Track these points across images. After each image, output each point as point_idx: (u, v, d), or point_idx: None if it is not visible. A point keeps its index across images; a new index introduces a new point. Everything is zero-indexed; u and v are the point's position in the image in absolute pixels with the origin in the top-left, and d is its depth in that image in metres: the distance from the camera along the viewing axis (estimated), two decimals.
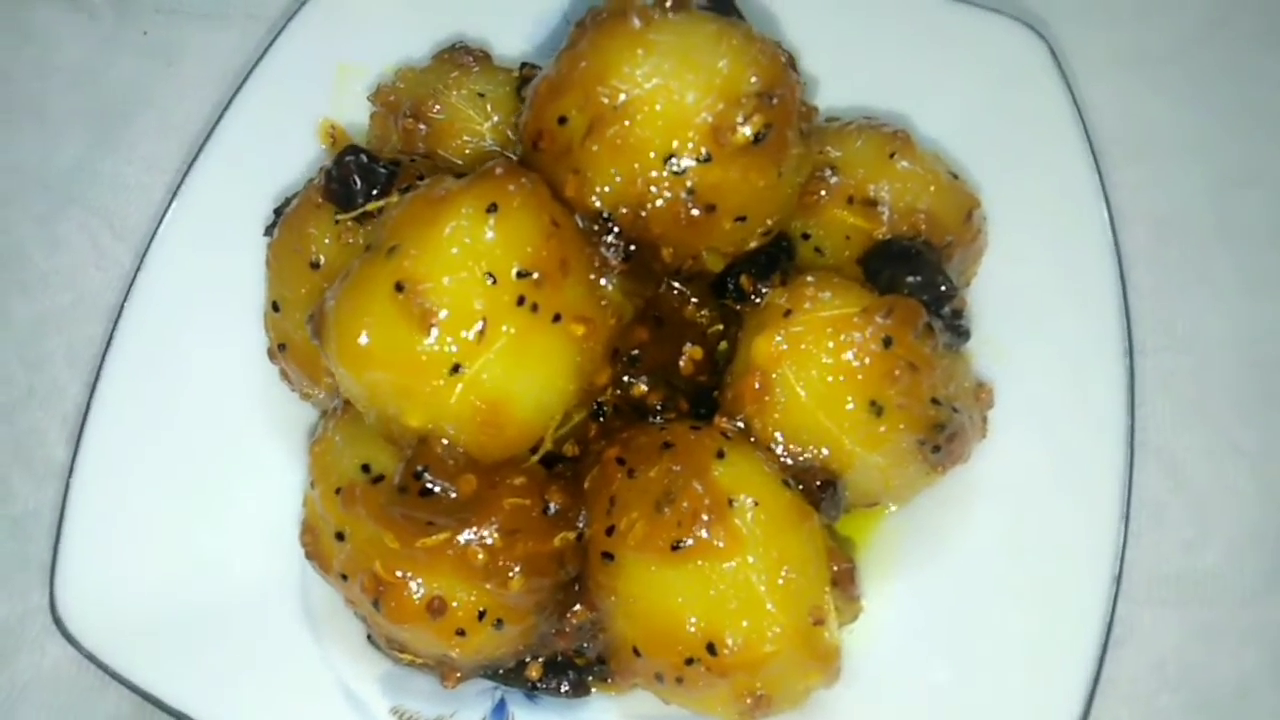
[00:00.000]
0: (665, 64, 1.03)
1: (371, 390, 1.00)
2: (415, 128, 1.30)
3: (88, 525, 1.17)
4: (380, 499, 1.04)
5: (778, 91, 1.05)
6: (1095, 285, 1.29)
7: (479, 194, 1.00)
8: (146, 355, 1.28)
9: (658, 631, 1.03)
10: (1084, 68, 1.60)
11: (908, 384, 1.09)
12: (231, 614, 1.17)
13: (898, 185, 1.23)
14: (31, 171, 1.64)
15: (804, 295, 1.12)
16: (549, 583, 1.08)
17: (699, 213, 1.06)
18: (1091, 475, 1.19)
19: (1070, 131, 1.36)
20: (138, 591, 1.15)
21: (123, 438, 1.23)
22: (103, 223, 1.60)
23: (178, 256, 1.34)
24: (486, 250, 0.97)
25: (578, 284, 1.03)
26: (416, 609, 1.03)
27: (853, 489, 1.16)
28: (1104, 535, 1.14)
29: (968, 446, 1.17)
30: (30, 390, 1.48)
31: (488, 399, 0.98)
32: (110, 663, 1.09)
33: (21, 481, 1.42)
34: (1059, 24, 1.64)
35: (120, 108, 1.70)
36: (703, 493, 1.03)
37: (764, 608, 1.00)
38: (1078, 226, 1.32)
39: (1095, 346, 1.26)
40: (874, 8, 1.45)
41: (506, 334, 0.97)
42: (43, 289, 1.56)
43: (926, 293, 1.16)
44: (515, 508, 1.05)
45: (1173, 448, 1.41)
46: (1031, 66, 1.40)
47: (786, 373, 1.09)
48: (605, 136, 1.03)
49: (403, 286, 0.95)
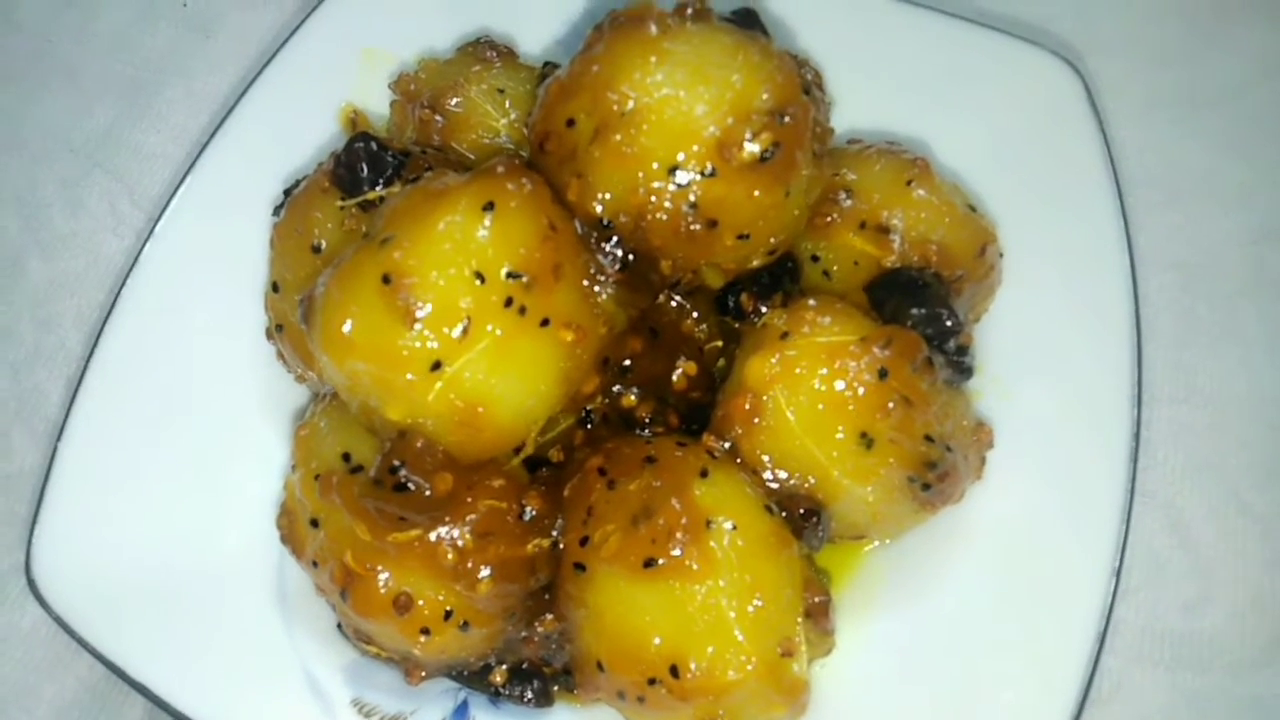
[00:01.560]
0: (678, 73, 1.01)
1: (353, 379, 0.99)
2: (431, 119, 1.29)
3: (71, 490, 1.18)
4: (356, 489, 1.03)
5: (790, 110, 1.03)
6: (1110, 334, 1.25)
7: (477, 191, 0.99)
8: (147, 325, 1.28)
9: (623, 648, 1.01)
10: (1121, 106, 1.56)
11: (900, 418, 1.06)
12: (205, 591, 1.17)
13: (912, 214, 1.20)
14: (60, 134, 1.66)
15: (803, 318, 1.09)
16: (519, 589, 1.06)
17: (700, 227, 1.04)
18: (1086, 528, 1.15)
19: (1098, 172, 1.32)
20: (114, 560, 1.16)
21: (115, 406, 1.23)
22: (124, 190, 1.62)
23: (188, 229, 1.35)
24: (478, 249, 0.96)
25: (570, 290, 1.02)
26: (383, 603, 1.02)
27: (839, 520, 1.13)
28: (1093, 591, 1.10)
29: (960, 486, 1.14)
30: (37, 350, 1.50)
31: (467, 399, 0.97)
32: (77, 629, 1.09)
33: (20, 439, 1.44)
34: (1100, 60, 1.60)
35: (153, 77, 1.72)
36: (681, 511, 1.01)
37: (732, 634, 0.98)
38: (1097, 271, 1.28)
39: (1104, 396, 1.22)
40: (906, 30, 1.42)
41: (491, 335, 0.96)
42: (60, 251, 1.58)
43: (930, 326, 1.13)
44: (491, 510, 1.04)
45: (1180, 503, 1.36)
46: (1064, 101, 1.36)
47: (778, 396, 1.07)
48: (610, 142, 1.01)
49: (390, 278, 0.94)
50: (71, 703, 1.27)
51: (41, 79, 1.72)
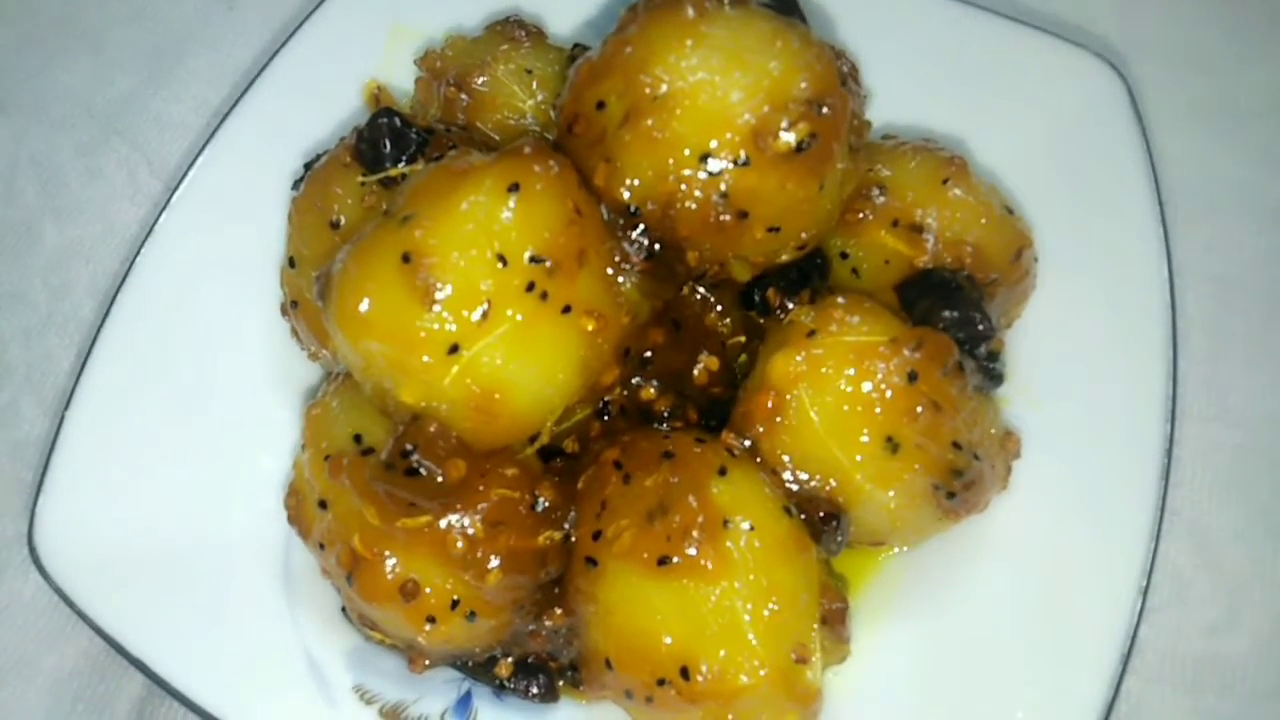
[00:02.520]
0: (714, 58, 0.98)
1: (368, 359, 0.96)
2: (457, 97, 1.27)
3: (77, 459, 1.16)
4: (366, 472, 1.00)
5: (829, 100, 1.00)
6: (1145, 346, 1.21)
7: (502, 172, 0.96)
8: (160, 296, 1.26)
9: (632, 646, 0.98)
10: (1161, 113, 1.52)
11: (928, 423, 1.03)
12: (208, 568, 1.15)
13: (947, 213, 1.16)
14: (81, 100, 1.64)
15: (831, 316, 1.06)
16: (528, 581, 1.04)
17: (730, 218, 1.01)
18: (1113, 546, 1.12)
19: (1139, 180, 1.28)
20: (118, 532, 1.14)
21: (125, 377, 1.21)
22: (142, 158, 1.60)
23: (205, 200, 1.32)
24: (501, 231, 0.93)
25: (594, 277, 0.99)
26: (389, 589, 1.00)
27: (859, 525, 1.10)
28: (1118, 611, 1.07)
29: (986, 495, 1.11)
30: (49, 316, 1.48)
31: (483, 384, 0.94)
32: (77, 600, 1.07)
33: (29, 406, 1.42)
34: (1141, 64, 1.56)
35: (176, 46, 1.70)
36: (697, 509, 0.98)
37: (745, 638, 0.95)
38: (1135, 282, 1.25)
39: (1136, 410, 1.18)
40: (945, 26, 1.38)
41: (511, 319, 0.93)
42: (76, 217, 1.56)
43: (962, 330, 1.10)
44: (503, 499, 1.02)
45: (1207, 523, 1.33)
46: (1106, 105, 1.32)
47: (802, 395, 1.04)
48: (641, 127, 0.98)
49: (410, 257, 0.92)
50: (71, 674, 1.25)
51: (65, 44, 1.70)
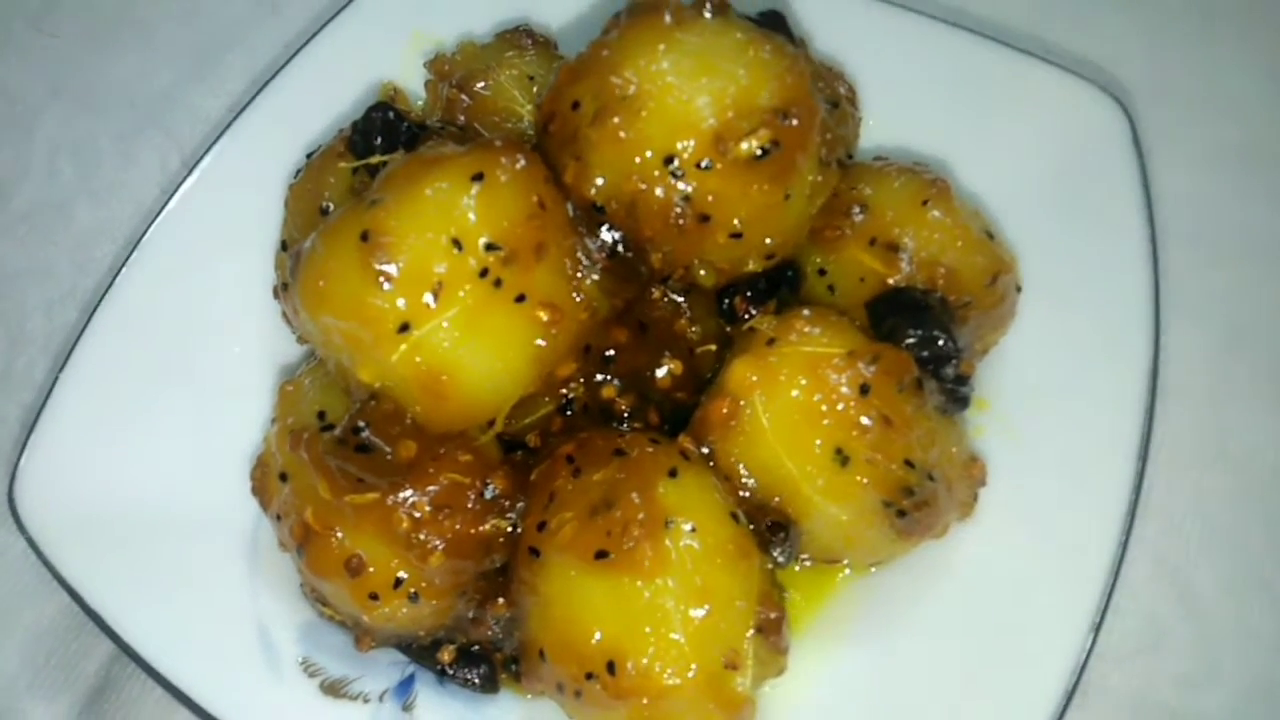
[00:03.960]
0: (684, 63, 1.00)
1: (326, 335, 1.00)
2: (458, 98, 1.31)
3: (66, 420, 1.20)
4: (322, 447, 1.03)
5: (795, 111, 1.01)
6: (1125, 387, 1.18)
7: (470, 162, 0.99)
8: (164, 273, 1.31)
9: (564, 639, 0.99)
10: (1176, 155, 1.50)
11: (878, 438, 1.02)
12: (179, 536, 1.18)
13: (924, 234, 1.16)
14: (123, 89, 1.73)
15: (792, 326, 1.07)
16: (472, 566, 1.05)
17: (692, 221, 1.03)
18: (1071, 584, 1.09)
19: (1133, 215, 1.26)
20: (98, 494, 1.18)
21: (122, 346, 1.26)
22: (175, 148, 1.68)
23: (217, 187, 1.38)
24: (460, 216, 0.96)
25: (552, 270, 1.01)
26: (335, 563, 1.02)
27: (811, 540, 1.09)
28: (1066, 650, 1.04)
29: (941, 519, 1.09)
30: (73, 290, 1.56)
31: (432, 364, 0.97)
32: (47, 552, 1.11)
33: (43, 374, 1.49)
34: (1161, 105, 1.55)
35: (219, 45, 1.78)
36: (640, 505, 0.99)
37: (673, 637, 0.95)
38: (1120, 320, 1.22)
39: (1109, 450, 1.15)
40: (953, 53, 1.38)
41: (462, 302, 0.96)
42: (108, 199, 1.64)
43: (926, 349, 1.09)
44: (452, 484, 1.03)
45: (1191, 571, 1.29)
46: (1107, 138, 1.30)
47: (756, 402, 1.04)
48: (608, 125, 1.01)
49: (368, 236, 0.95)
50: (47, 630, 1.30)
51: (117, 37, 1.80)
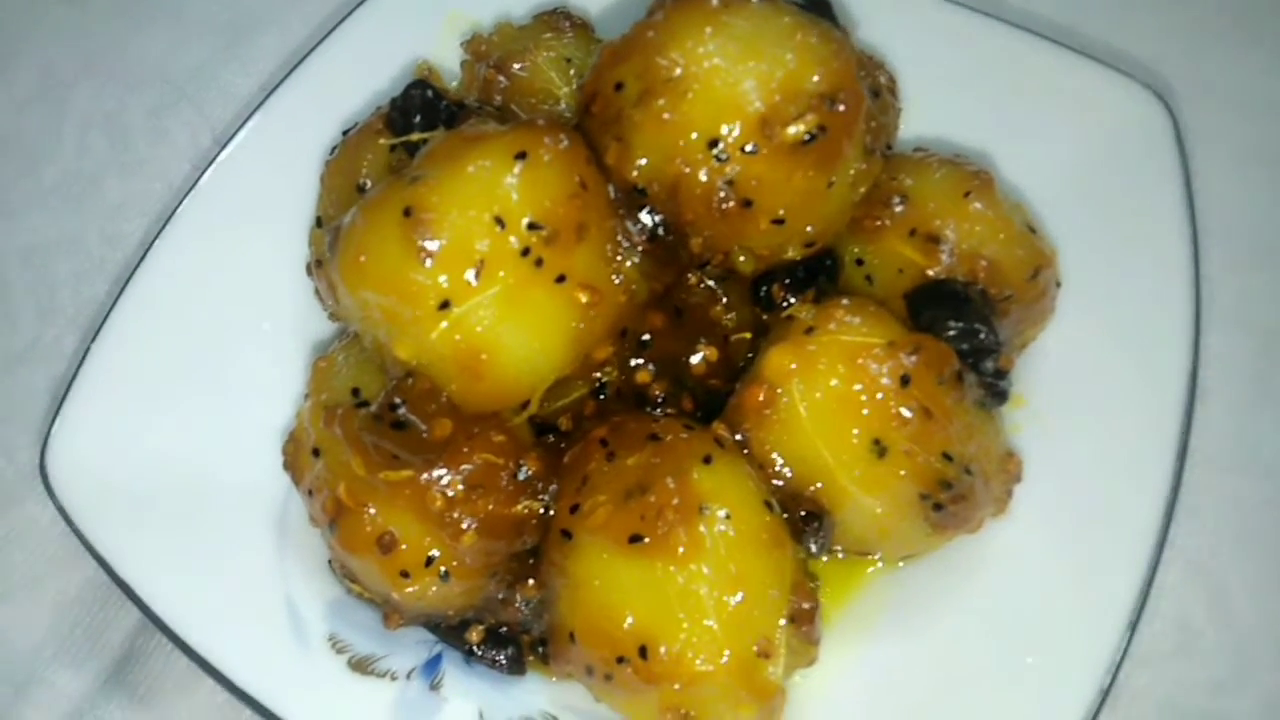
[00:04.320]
0: (731, 46, 0.99)
1: (365, 310, 0.99)
2: (495, 79, 1.30)
3: (98, 386, 1.20)
4: (357, 423, 1.03)
5: (842, 97, 1.00)
6: (1163, 386, 1.17)
7: (513, 140, 0.98)
8: (197, 246, 1.31)
9: (596, 622, 0.98)
10: (1215, 155, 1.47)
11: (918, 429, 1.01)
12: (208, 506, 1.18)
13: (965, 226, 1.15)
14: (156, 66, 1.73)
15: (831, 315, 1.06)
16: (504, 547, 1.05)
17: (734, 205, 1.02)
18: (1107, 583, 1.08)
19: (1175, 215, 1.25)
20: (127, 463, 1.18)
21: (153, 316, 1.26)
22: (206, 124, 1.68)
23: (250, 162, 1.38)
24: (503, 195, 0.95)
25: (592, 251, 1.01)
26: (367, 539, 1.02)
27: (845, 531, 1.08)
28: (1101, 651, 1.03)
29: (977, 513, 1.08)
30: (101, 263, 1.56)
31: (471, 343, 0.96)
32: (78, 522, 1.11)
33: (71, 345, 1.50)
34: (1201, 105, 1.52)
35: (251, 24, 1.78)
36: (675, 490, 0.98)
37: (706, 624, 0.94)
38: (1160, 319, 1.21)
39: (1147, 449, 1.14)
40: (991, 47, 1.37)
41: (503, 281, 0.95)
42: (138, 173, 1.64)
43: (966, 341, 1.08)
44: (486, 464, 1.03)
45: (1224, 576, 1.27)
46: (1150, 137, 1.29)
47: (793, 390, 1.03)
48: (652, 107, 1.00)
49: (410, 211, 0.94)
50: (74, 599, 1.30)
51: (150, 14, 1.79)
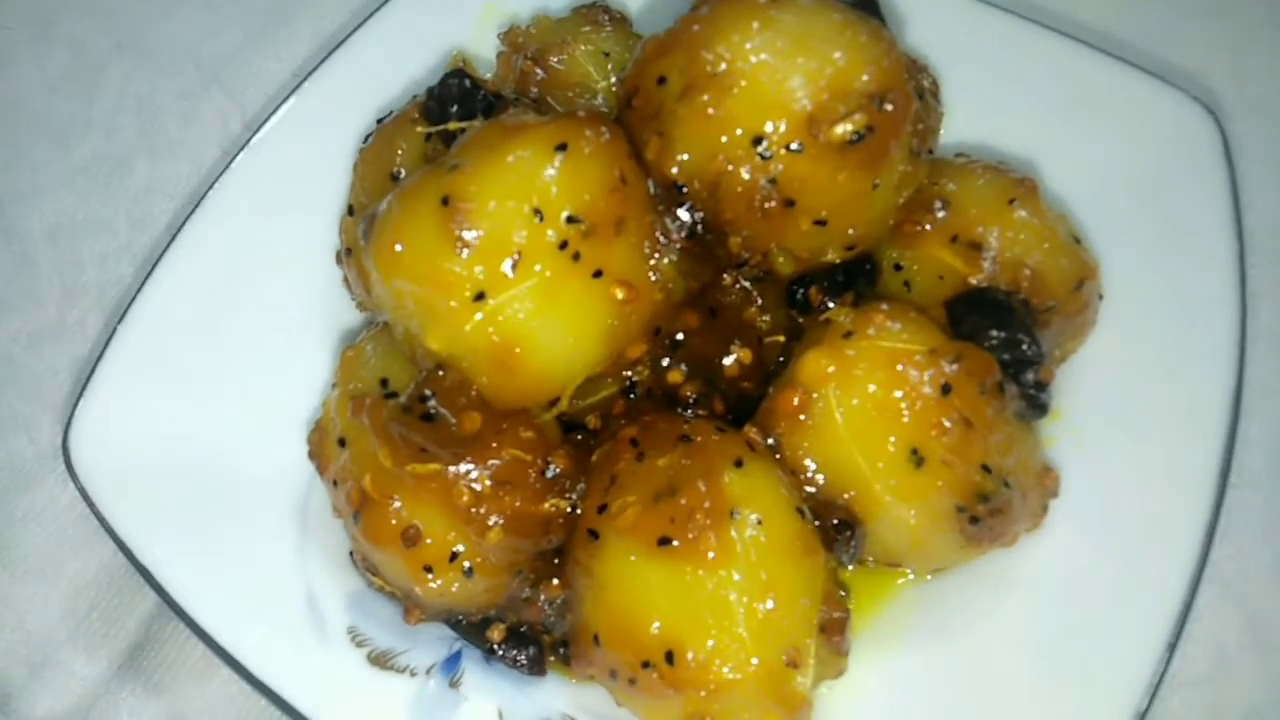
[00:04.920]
0: (778, 41, 0.97)
1: (398, 299, 0.98)
2: (532, 70, 1.28)
3: (123, 369, 1.19)
4: (385, 413, 1.01)
5: (891, 97, 0.98)
6: (1207, 403, 1.14)
7: (553, 131, 0.97)
8: (226, 231, 1.30)
9: (622, 624, 0.96)
10: (1257, 169, 1.44)
11: (957, 440, 0.99)
12: (230, 493, 1.17)
13: (1009, 234, 1.12)
14: (188, 49, 1.72)
15: (871, 320, 1.03)
16: (529, 545, 1.03)
17: (776, 205, 1.00)
18: (1143, 603, 1.05)
19: (1222, 229, 1.22)
20: (150, 447, 1.17)
21: (181, 299, 1.25)
22: (236, 109, 1.67)
23: (282, 148, 1.37)
24: (542, 186, 0.94)
25: (630, 247, 0.99)
26: (392, 532, 1.01)
27: (876, 541, 1.06)
28: (1139, 672, 1.00)
29: (1013, 528, 1.05)
30: (128, 245, 1.55)
31: (505, 336, 0.94)
32: (99, 504, 1.10)
33: (95, 325, 1.49)
34: (1244, 118, 1.49)
35: (284, 9, 1.76)
36: (706, 494, 0.96)
37: (736, 631, 0.92)
38: (1204, 336, 1.18)
39: (1188, 468, 1.11)
40: (1038, 53, 1.34)
41: (540, 275, 0.93)
42: (167, 156, 1.63)
43: (1008, 351, 1.06)
44: (514, 460, 1.01)
45: (1259, 600, 1.24)
46: (1198, 148, 1.26)
47: (829, 395, 1.01)
48: (696, 102, 0.98)
49: (448, 200, 0.93)
50: (90, 582, 1.29)
51: None
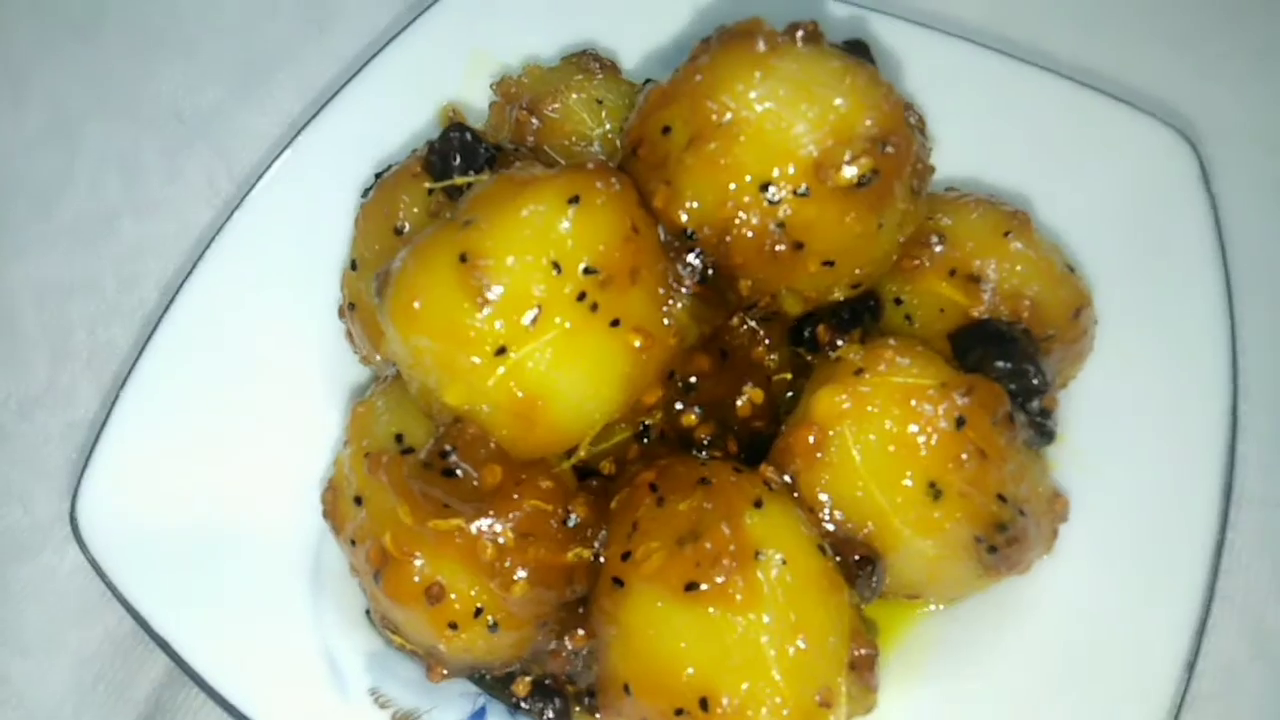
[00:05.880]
0: (781, 90, 0.99)
1: (416, 357, 0.97)
2: (528, 120, 1.30)
3: (128, 436, 1.18)
4: (404, 470, 1.01)
5: (893, 140, 1.00)
6: (1204, 422, 1.18)
7: (565, 183, 0.98)
8: (224, 290, 1.30)
9: (653, 672, 0.96)
10: (1239, 196, 1.48)
11: (974, 472, 1.00)
12: (241, 557, 1.16)
13: (1006, 266, 1.15)
14: (170, 105, 1.72)
15: (881, 356, 1.05)
16: (554, 596, 1.03)
17: (785, 248, 1.01)
18: (1158, 622, 1.07)
19: (1206, 251, 1.26)
20: (158, 512, 1.15)
21: (182, 363, 1.24)
22: (222, 164, 1.66)
23: (277, 203, 1.36)
24: (558, 239, 0.94)
25: (645, 295, 1.00)
26: (415, 590, 1.00)
27: (895, 574, 1.07)
28: (1160, 691, 1.02)
29: (1029, 555, 1.07)
30: (116, 306, 1.53)
31: (527, 389, 0.95)
32: (110, 574, 1.08)
33: (86, 389, 1.47)
34: (1220, 146, 1.54)
35: (266, 62, 1.77)
36: (730, 537, 0.97)
37: (769, 674, 0.93)
38: (1197, 354, 1.22)
39: (1191, 485, 1.14)
40: (1021, 87, 1.39)
41: (559, 327, 0.94)
42: (153, 214, 1.62)
43: (1015, 381, 1.08)
44: (535, 510, 1.01)
45: (1262, 612, 1.27)
46: (1177, 176, 1.31)
47: (845, 432, 1.03)
48: (704, 151, 1.00)
49: (466, 257, 0.93)
50: (95, 654, 1.27)
51: (162, 52, 1.78)
